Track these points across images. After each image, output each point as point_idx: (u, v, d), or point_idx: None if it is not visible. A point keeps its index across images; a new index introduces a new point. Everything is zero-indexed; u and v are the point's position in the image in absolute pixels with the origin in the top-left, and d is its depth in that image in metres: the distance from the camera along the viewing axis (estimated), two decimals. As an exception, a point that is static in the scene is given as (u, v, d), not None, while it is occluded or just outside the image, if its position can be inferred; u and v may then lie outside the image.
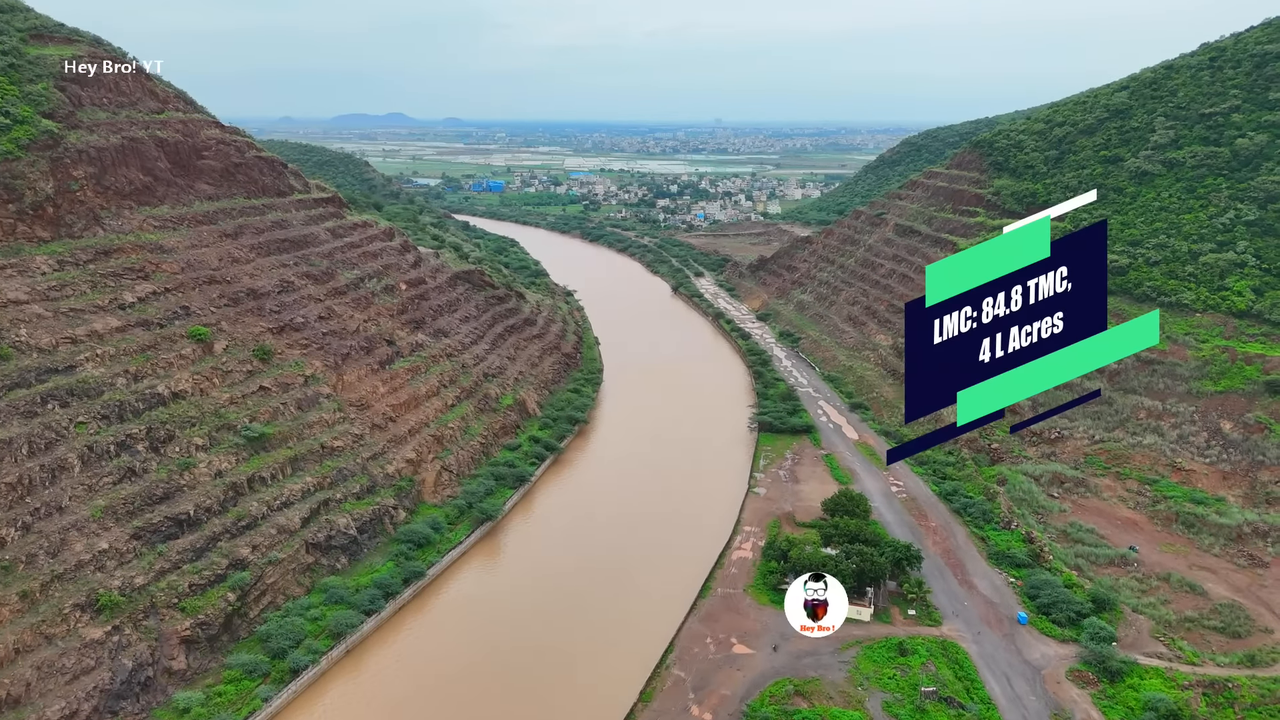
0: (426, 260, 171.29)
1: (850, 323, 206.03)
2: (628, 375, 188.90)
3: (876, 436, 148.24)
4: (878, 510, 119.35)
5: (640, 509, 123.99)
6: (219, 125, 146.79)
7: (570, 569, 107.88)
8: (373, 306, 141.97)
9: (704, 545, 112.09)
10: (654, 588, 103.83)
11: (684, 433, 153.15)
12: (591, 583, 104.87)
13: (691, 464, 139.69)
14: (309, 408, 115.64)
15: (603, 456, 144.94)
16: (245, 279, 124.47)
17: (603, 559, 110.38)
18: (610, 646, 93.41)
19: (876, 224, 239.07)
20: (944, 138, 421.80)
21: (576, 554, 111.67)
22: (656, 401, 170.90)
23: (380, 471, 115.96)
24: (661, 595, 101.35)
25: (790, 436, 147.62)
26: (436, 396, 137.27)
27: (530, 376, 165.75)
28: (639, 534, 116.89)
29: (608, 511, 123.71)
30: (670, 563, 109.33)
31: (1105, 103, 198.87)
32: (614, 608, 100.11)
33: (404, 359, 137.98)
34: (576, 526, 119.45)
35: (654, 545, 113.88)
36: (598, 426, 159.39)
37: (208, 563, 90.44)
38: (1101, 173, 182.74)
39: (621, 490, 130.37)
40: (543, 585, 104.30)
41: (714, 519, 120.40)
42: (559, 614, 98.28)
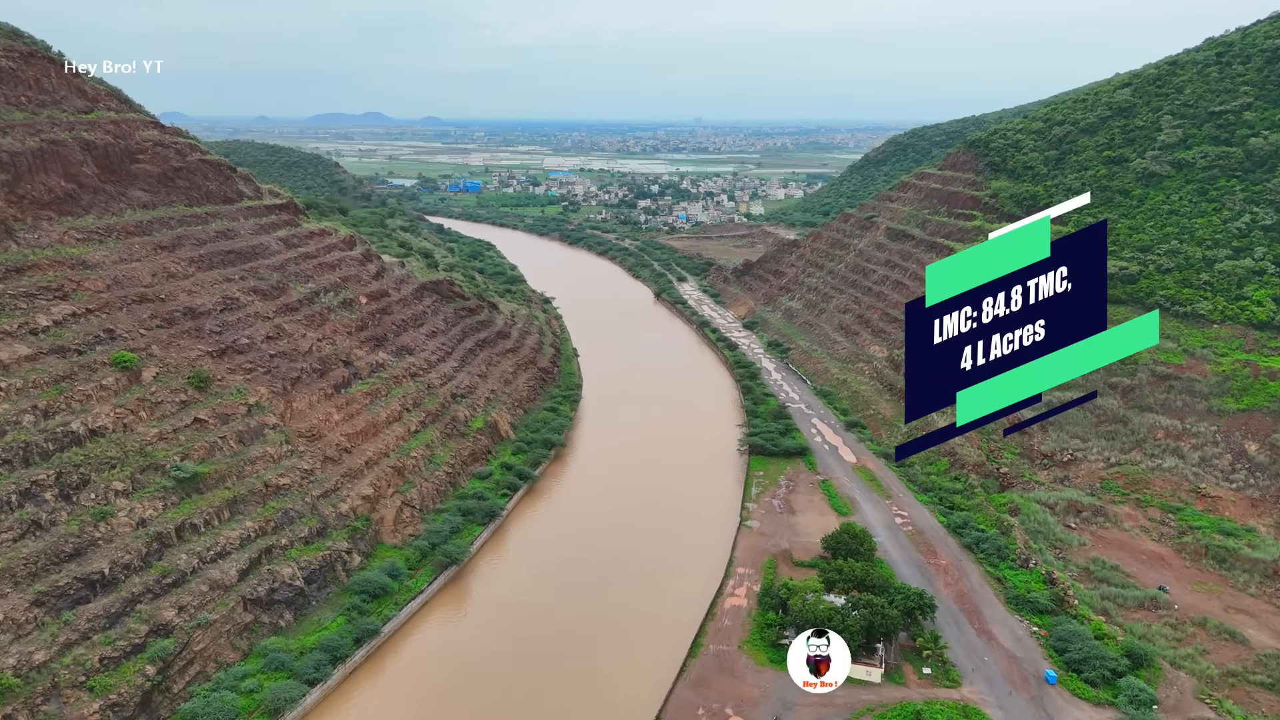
0: (390, 270, 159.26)
1: (842, 332, 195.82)
2: (608, 390, 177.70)
3: (875, 459, 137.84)
4: (882, 546, 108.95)
5: (622, 547, 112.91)
6: (158, 125, 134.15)
7: (544, 622, 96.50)
8: (328, 323, 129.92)
9: (693, 590, 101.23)
10: (637, 644, 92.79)
11: (669, 456, 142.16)
12: (567, 638, 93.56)
13: (677, 492, 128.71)
14: (252, 441, 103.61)
15: (581, 485, 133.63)
16: (182, 296, 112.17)
17: (580, 609, 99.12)
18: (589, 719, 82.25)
19: (867, 227, 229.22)
20: (930, 137, 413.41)
21: (551, 603, 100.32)
22: (639, 420, 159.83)
23: (332, 511, 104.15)
24: (646, 653, 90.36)
25: (783, 460, 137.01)
26: (398, 422, 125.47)
27: (503, 395, 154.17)
28: (620, 577, 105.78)
29: (586, 551, 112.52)
30: (656, 612, 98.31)
31: (1107, 100, 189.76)
32: (592, 670, 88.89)
33: (362, 381, 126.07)
34: (551, 570, 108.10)
35: (637, 591, 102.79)
36: (576, 449, 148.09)
37: (123, 630, 78.42)
38: (1106, 174, 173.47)
39: (601, 525, 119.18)
40: (512, 643, 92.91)
41: (703, 558, 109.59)
42: (530, 678, 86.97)
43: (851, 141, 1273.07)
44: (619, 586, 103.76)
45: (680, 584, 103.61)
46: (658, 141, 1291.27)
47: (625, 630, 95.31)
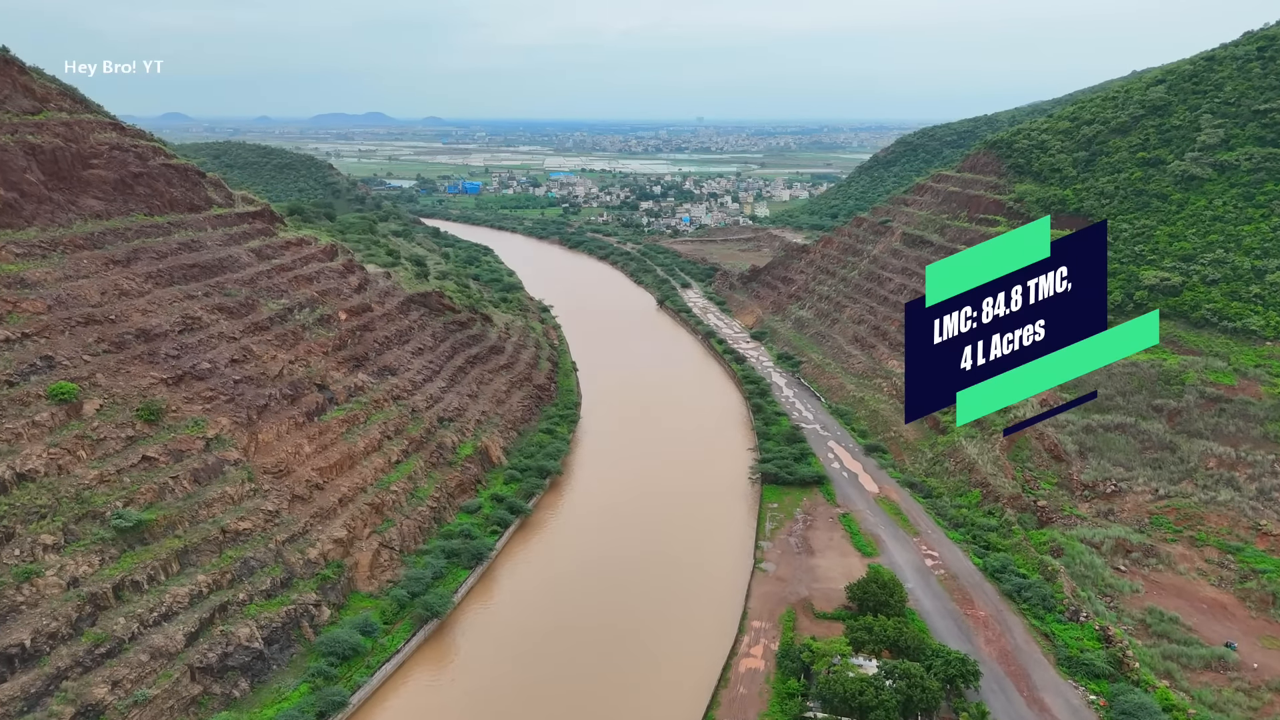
0: (374, 282, 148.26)
1: (857, 344, 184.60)
2: (609, 408, 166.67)
3: (899, 489, 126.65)
4: (913, 594, 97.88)
5: (622, 593, 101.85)
6: (117, 127, 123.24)
7: (533, 691, 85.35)
8: (302, 343, 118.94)
9: (703, 647, 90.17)
10: (643, 718, 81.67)
11: (674, 484, 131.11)
12: (561, 709, 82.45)
13: (684, 527, 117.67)
14: (209, 480, 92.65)
15: (578, 518, 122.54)
16: (135, 316, 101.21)
17: (576, 671, 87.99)
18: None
19: (881, 232, 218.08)
20: (941, 137, 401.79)
21: (542, 666, 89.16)
22: (642, 442, 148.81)
23: (299, 558, 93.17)
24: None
25: (799, 490, 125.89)
26: (378, 452, 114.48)
27: (495, 417, 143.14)
28: (622, 632, 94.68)
29: (583, 598, 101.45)
30: (662, 676, 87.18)
31: (1140, 98, 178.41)
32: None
33: (339, 407, 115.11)
34: (543, 623, 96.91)
35: (641, 650, 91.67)
36: (574, 475, 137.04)
37: (44, 715, 67.48)
38: (1141, 177, 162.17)
39: (599, 567, 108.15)
40: (494, 717, 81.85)
41: (714, 607, 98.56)
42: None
43: (855, 141, 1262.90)
44: (620, 643, 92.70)
45: (690, 640, 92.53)
46: (660, 141, 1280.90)
47: (627, 699, 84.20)
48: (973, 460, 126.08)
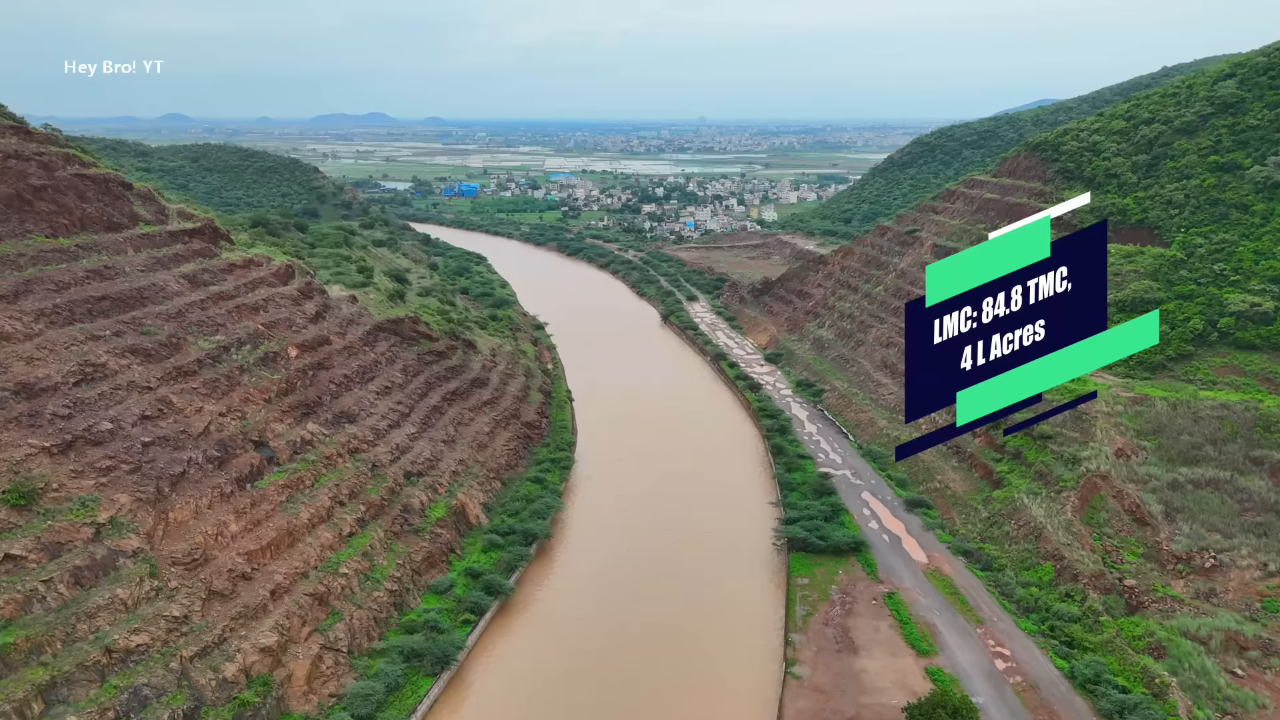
0: (336, 308, 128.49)
1: (886, 371, 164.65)
2: (608, 446, 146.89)
3: (952, 558, 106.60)
4: (985, 712, 77.89)
5: (620, 715, 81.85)
6: (19, 131, 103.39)
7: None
8: (238, 389, 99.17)
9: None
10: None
11: (684, 550, 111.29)
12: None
13: (697, 612, 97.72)
14: (96, 580, 72.89)
15: (568, 600, 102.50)
16: (17, 367, 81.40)
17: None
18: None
19: (908, 243, 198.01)
20: (960, 137, 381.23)
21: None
22: (644, 494, 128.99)
23: (211, 678, 73.40)
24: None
25: (833, 559, 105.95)
26: (326, 523, 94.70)
27: (475, 465, 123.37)
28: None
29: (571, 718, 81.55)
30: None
31: (1206, 94, 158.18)
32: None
33: (280, 469, 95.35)
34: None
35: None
36: (566, 536, 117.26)
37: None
38: (1215, 184, 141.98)
39: (592, 671, 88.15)
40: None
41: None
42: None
43: (860, 140, 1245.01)
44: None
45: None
46: (662, 141, 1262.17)
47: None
48: (1039, 524, 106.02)
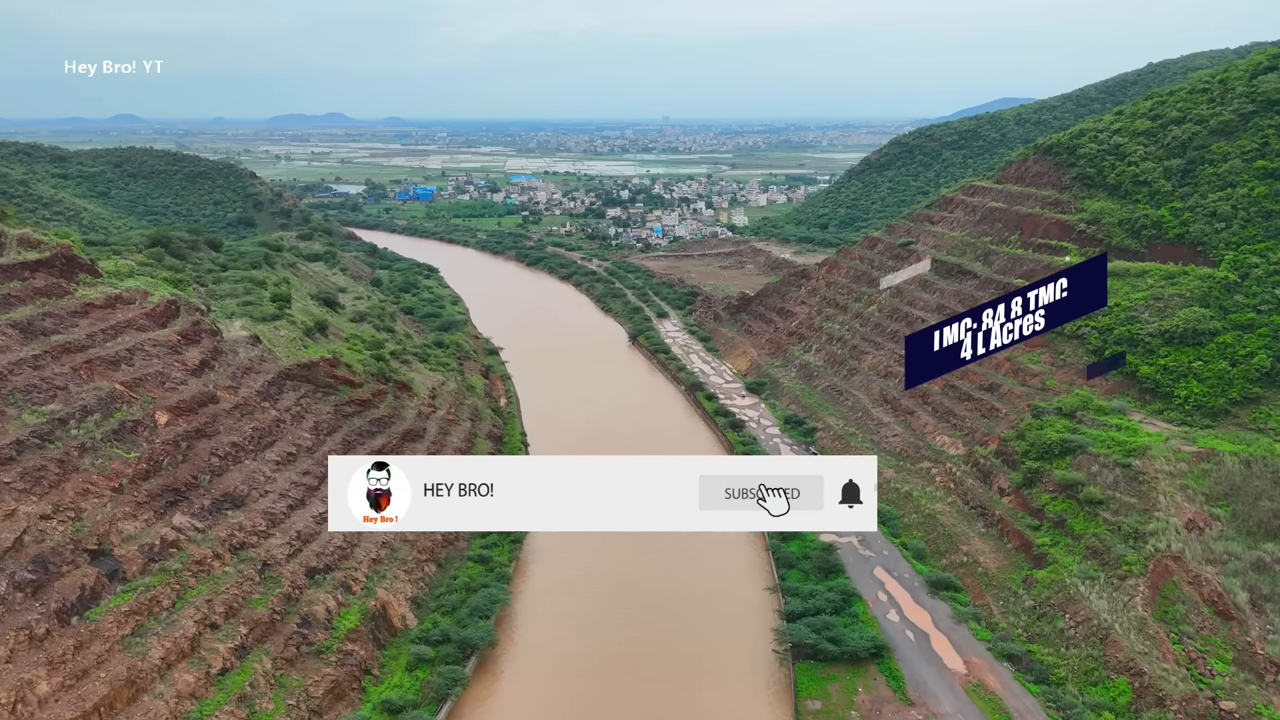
0: (231, 353, 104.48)
1: (886, 407, 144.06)
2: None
3: (996, 665, 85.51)
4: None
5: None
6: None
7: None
8: (73, 479, 75.16)
9: None
10: None
11: (663, 662, 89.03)
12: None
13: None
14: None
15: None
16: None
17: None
18: None
19: (902, 257, 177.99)
20: (940, 137, 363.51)
21: None
22: (615, 571, 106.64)
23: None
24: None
25: (848, 670, 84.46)
26: (189, 659, 71.09)
27: (403, 547, 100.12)
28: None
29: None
30: None
31: (1245, 90, 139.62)
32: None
33: (125, 588, 71.60)
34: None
35: None
36: (515, 640, 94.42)
37: None
38: (1266, 193, 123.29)
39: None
40: None
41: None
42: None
43: (825, 140, 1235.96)
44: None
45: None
46: (626, 141, 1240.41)
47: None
48: (1103, 622, 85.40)
